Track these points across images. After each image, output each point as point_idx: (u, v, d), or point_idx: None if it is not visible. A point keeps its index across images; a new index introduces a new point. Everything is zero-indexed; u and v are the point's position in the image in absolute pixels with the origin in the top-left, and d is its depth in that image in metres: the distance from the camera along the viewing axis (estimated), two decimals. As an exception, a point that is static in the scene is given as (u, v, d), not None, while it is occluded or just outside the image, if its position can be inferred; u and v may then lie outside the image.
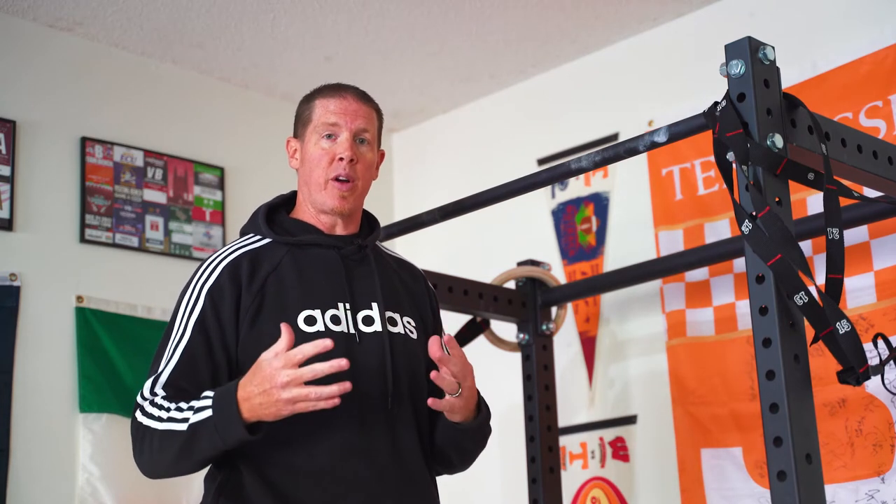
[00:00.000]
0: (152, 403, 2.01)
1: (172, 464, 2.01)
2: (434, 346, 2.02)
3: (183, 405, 1.98)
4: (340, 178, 2.16)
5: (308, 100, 2.24)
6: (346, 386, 1.89)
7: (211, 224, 3.86)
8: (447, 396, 2.07)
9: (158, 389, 2.03)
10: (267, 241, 2.18)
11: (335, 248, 2.18)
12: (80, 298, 3.48)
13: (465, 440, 2.18)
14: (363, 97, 2.23)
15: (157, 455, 2.01)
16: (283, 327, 1.92)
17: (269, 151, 3.97)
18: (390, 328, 2.16)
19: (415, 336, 2.21)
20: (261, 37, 3.73)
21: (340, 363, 1.88)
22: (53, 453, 3.33)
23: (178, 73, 3.93)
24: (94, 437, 3.36)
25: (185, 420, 1.96)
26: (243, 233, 2.24)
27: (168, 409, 1.99)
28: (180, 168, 3.83)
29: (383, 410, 2.10)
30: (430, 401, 2.06)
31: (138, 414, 2.03)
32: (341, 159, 2.15)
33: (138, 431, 2.03)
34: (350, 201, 2.18)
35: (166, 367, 2.05)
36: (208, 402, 1.95)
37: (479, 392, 2.17)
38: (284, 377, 1.88)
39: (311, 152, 2.18)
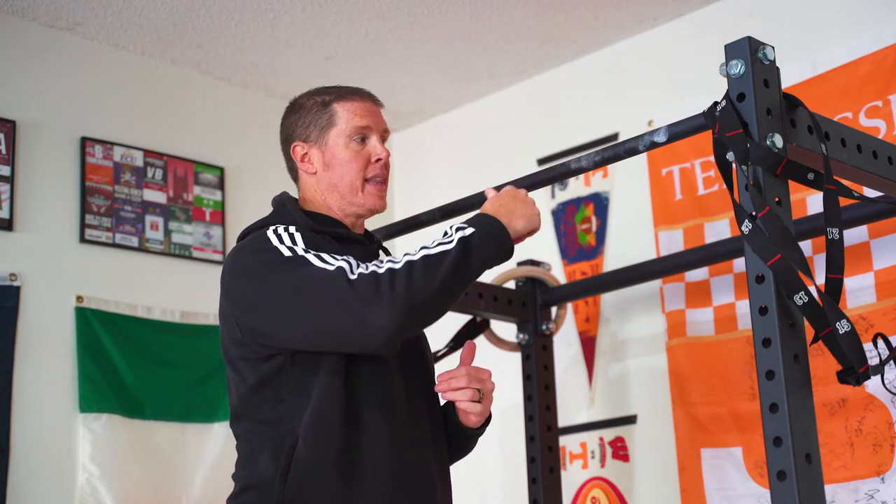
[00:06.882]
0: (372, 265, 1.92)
1: (449, 275, 1.92)
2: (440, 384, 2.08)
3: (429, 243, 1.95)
4: (378, 179, 2.16)
5: (324, 105, 2.17)
6: None
7: (211, 224, 3.86)
8: (468, 405, 2.08)
9: (363, 265, 1.92)
10: (304, 231, 2.07)
11: (363, 245, 2.17)
12: (80, 298, 3.48)
13: (471, 443, 2.21)
14: (377, 98, 2.24)
15: (429, 274, 1.90)
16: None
17: (269, 151, 3.90)
18: None
19: None
20: (261, 37, 3.73)
21: None
22: (53, 453, 3.33)
23: (178, 73, 3.93)
24: (94, 437, 3.36)
25: (449, 241, 1.94)
26: (263, 225, 2.11)
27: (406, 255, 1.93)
28: (180, 168, 3.83)
29: (424, 400, 2.13)
30: (461, 418, 2.12)
31: (370, 268, 1.90)
32: (378, 160, 2.16)
33: (388, 275, 1.88)
34: (385, 200, 2.20)
35: (337, 259, 1.93)
36: (461, 229, 1.97)
37: None
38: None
39: (342, 155, 2.15)
